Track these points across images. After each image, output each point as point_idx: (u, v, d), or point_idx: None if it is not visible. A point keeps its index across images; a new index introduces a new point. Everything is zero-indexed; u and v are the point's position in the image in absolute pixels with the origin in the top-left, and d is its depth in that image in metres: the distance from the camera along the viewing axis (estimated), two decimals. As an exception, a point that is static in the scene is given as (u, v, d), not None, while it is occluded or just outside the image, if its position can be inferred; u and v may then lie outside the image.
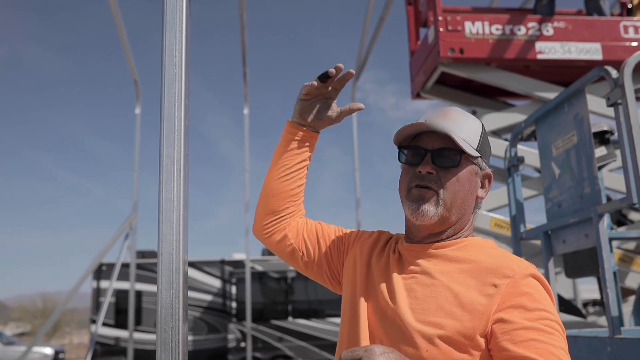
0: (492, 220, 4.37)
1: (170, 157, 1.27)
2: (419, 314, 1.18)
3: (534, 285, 1.17)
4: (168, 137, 1.28)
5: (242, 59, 9.06)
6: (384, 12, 7.55)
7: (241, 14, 7.63)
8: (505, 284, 1.16)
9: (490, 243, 1.32)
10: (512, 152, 3.48)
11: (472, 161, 1.28)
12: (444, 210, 1.25)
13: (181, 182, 1.27)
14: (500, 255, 1.24)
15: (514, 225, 3.44)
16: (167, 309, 1.20)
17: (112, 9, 6.98)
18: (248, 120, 10.03)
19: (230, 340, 13.05)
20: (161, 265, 1.21)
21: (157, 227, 1.24)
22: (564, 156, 3.05)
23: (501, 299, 1.14)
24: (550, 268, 3.11)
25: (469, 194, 1.29)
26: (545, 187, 3.24)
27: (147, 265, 13.16)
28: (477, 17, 4.48)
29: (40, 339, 10.78)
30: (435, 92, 4.99)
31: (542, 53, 4.50)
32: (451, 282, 1.20)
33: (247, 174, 10.00)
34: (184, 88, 1.31)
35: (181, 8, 1.31)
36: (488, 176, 1.34)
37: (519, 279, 1.17)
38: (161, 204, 1.25)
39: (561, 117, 3.06)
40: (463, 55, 4.39)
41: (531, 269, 1.20)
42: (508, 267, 1.19)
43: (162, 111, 1.28)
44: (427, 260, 1.27)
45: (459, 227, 1.30)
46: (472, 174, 1.29)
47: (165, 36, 1.31)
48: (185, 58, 1.32)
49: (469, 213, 1.32)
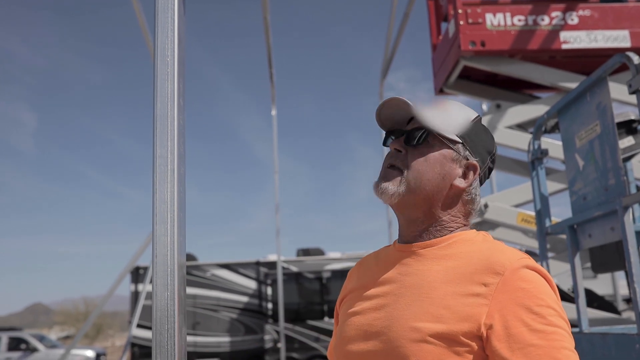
0: (519, 215, 4.26)
1: (163, 157, 1.26)
2: (404, 320, 1.11)
3: (529, 278, 1.07)
4: (161, 138, 1.27)
5: (268, 61, 9.08)
6: (408, 7, 7.48)
7: (265, 16, 7.65)
8: (495, 283, 1.07)
9: (482, 236, 1.23)
10: (535, 145, 3.39)
11: (448, 145, 1.21)
12: (407, 190, 1.20)
13: (175, 183, 1.26)
14: (491, 249, 1.15)
15: (539, 219, 3.35)
16: (162, 312, 1.19)
17: (139, 19, 7.10)
18: (276, 122, 10.07)
19: (267, 341, 13.10)
20: (155, 267, 1.20)
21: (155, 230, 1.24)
22: (587, 147, 2.95)
23: (492, 300, 1.05)
24: (576, 263, 3.01)
25: (439, 178, 1.20)
26: (570, 179, 3.14)
27: (182, 267, 13.28)
28: (499, 9, 4.37)
29: (82, 342, 11.00)
30: (458, 87, 4.90)
31: (567, 43, 4.37)
32: (438, 283, 1.12)
33: (277, 176, 10.04)
34: (177, 87, 1.29)
35: (173, 7, 1.31)
36: (472, 166, 1.23)
37: (510, 274, 1.07)
38: (155, 206, 1.23)
39: (583, 107, 2.97)
40: (485, 48, 4.29)
41: (524, 261, 1.10)
42: (498, 262, 1.09)
43: (155, 111, 1.28)
44: (415, 260, 1.20)
45: (444, 222, 1.23)
46: (447, 158, 1.21)
47: (157, 35, 1.30)
48: (178, 57, 1.31)
49: (450, 204, 1.23)
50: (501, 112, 4.47)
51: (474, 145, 1.25)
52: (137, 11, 7.19)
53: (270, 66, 9.29)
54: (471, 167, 1.24)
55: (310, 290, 13.62)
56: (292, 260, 13.63)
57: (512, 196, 4.44)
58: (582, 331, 2.90)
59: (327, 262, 13.76)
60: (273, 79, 9.63)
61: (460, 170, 1.23)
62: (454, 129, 1.23)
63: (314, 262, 13.55)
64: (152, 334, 1.17)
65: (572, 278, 3.00)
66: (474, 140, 1.25)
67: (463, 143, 1.23)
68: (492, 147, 1.29)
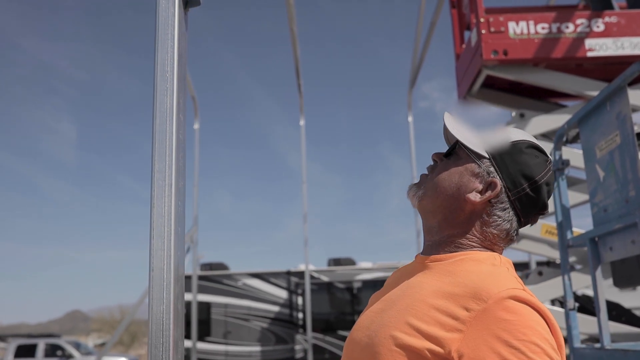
0: (543, 227, 4.19)
1: (161, 172, 1.27)
2: (388, 327, 1.10)
3: (513, 309, 0.99)
4: (159, 153, 1.28)
5: (296, 71, 9.14)
6: (434, 17, 7.46)
7: (291, 27, 7.71)
8: (477, 310, 1.00)
9: (493, 259, 1.17)
10: (556, 156, 3.33)
11: (473, 159, 1.19)
12: (424, 194, 1.22)
13: (172, 197, 1.27)
14: (487, 274, 1.09)
15: (560, 232, 3.28)
16: (157, 325, 1.20)
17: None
18: (304, 132, 10.10)
19: (297, 351, 13.11)
20: (151, 281, 1.22)
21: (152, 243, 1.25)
22: (607, 158, 2.88)
23: (470, 328, 0.99)
24: (597, 277, 2.94)
25: (454, 188, 1.18)
26: (591, 190, 3.08)
27: (214, 277, 13.43)
28: (521, 17, 4.32)
29: (117, 349, 11.16)
30: (481, 96, 4.85)
31: (592, 50, 4.29)
32: (427, 297, 1.10)
33: (305, 186, 10.07)
34: (176, 103, 1.31)
35: (173, 23, 1.32)
36: (492, 184, 1.17)
37: (493, 303, 1.00)
38: (152, 219, 1.25)
39: (603, 117, 2.90)
40: (507, 57, 4.24)
41: (514, 291, 1.02)
42: (485, 288, 1.03)
43: (154, 126, 1.29)
44: (423, 272, 1.19)
45: (456, 237, 1.19)
46: (468, 170, 1.19)
47: (157, 50, 1.31)
48: (177, 73, 1.33)
49: (464, 220, 1.19)
50: (525, 121, 4.40)
51: (504, 164, 1.19)
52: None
53: (298, 76, 9.35)
54: (490, 184, 1.18)
55: (341, 300, 13.59)
56: (323, 270, 13.62)
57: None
58: (604, 347, 2.83)
59: (358, 272, 13.72)
60: (301, 89, 9.69)
61: (480, 185, 1.19)
62: (485, 144, 1.21)
63: (345, 272, 13.52)
64: (147, 348, 1.18)
65: (593, 292, 2.93)
66: (505, 160, 1.19)
67: (490, 159, 1.19)
68: (534, 174, 1.18)
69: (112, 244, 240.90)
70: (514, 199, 1.18)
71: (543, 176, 1.18)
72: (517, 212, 1.19)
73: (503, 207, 1.18)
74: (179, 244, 1.28)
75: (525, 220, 1.21)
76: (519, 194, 1.18)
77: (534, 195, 1.18)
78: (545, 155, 1.22)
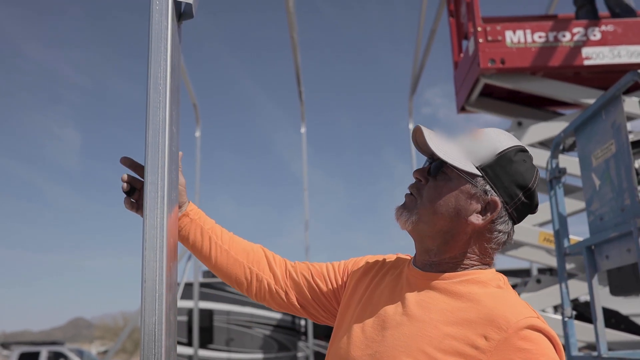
0: (541, 234, 4.19)
1: (154, 184, 1.28)
2: (398, 351, 1.09)
3: (532, 338, 1.02)
4: (152, 165, 1.29)
5: (297, 79, 9.18)
6: (434, 24, 7.49)
7: (292, 35, 7.74)
8: (497, 340, 1.02)
9: (497, 280, 1.16)
10: (552, 164, 3.34)
11: (465, 179, 1.15)
12: (418, 220, 1.17)
13: (164, 209, 1.28)
14: (500, 299, 1.09)
15: (557, 240, 3.29)
16: (149, 336, 1.21)
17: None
18: (306, 139, 10.13)
19: (299, 358, 13.09)
20: (144, 292, 1.23)
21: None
22: (603, 167, 2.90)
23: (490, 357, 1.01)
24: (594, 285, 2.94)
25: (453, 213, 1.14)
26: (587, 199, 3.09)
27: (216, 284, 13.44)
28: (518, 26, 4.35)
29: (120, 357, 11.15)
30: (479, 105, 4.87)
31: (589, 59, 4.31)
32: (440, 322, 1.09)
33: (306, 193, 10.10)
34: (168, 115, 1.31)
35: (166, 36, 1.34)
36: (493, 203, 1.15)
37: (512, 333, 1.02)
38: (145, 231, 1.26)
39: (599, 126, 2.92)
40: (505, 66, 4.26)
41: (530, 320, 1.04)
42: (503, 316, 1.04)
43: (147, 139, 1.29)
44: (424, 289, 1.17)
45: (457, 258, 1.18)
46: (464, 192, 1.15)
47: (150, 63, 1.32)
48: (170, 85, 1.33)
49: (466, 241, 1.17)
50: (523, 129, 4.42)
51: (498, 179, 1.16)
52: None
53: (299, 84, 9.38)
54: (491, 204, 1.16)
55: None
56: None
57: (534, 215, 4.37)
58: (601, 355, 2.83)
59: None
60: (302, 96, 9.72)
61: (479, 205, 1.16)
62: (474, 160, 1.17)
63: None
64: (139, 358, 1.20)
65: (590, 300, 2.94)
66: (498, 174, 1.16)
67: (484, 176, 1.16)
68: (527, 182, 1.17)
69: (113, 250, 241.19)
70: (511, 211, 1.17)
71: (534, 181, 1.18)
72: (513, 220, 1.19)
73: (503, 221, 1.17)
74: (172, 256, 1.30)
75: (518, 223, 1.21)
76: (515, 204, 1.16)
77: (529, 201, 1.18)
78: (528, 152, 1.20)
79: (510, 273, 11.83)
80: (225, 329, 13.15)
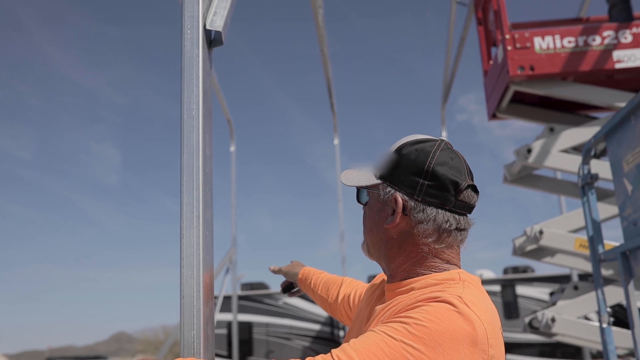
0: (577, 241, 4.15)
1: (189, 205, 1.35)
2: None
3: (431, 308, 1.04)
4: (187, 186, 1.36)
5: (328, 91, 9.25)
6: (463, 32, 7.48)
7: (322, 48, 7.82)
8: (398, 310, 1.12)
9: (448, 282, 1.16)
10: (584, 170, 3.32)
11: (374, 192, 1.26)
12: (367, 245, 1.32)
13: (200, 228, 1.34)
14: (433, 288, 1.15)
15: (592, 246, 3.27)
16: (188, 350, 1.28)
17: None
18: (339, 151, 10.17)
19: (339, 369, 13.07)
20: (182, 308, 1.30)
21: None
22: (635, 172, 2.88)
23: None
24: (630, 291, 2.92)
25: (375, 227, 1.26)
26: (620, 204, 3.06)
27: (255, 296, 13.54)
28: (547, 32, 4.33)
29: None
30: (510, 112, 4.86)
31: (620, 62, 4.26)
32: (371, 321, 1.23)
33: (341, 204, 10.11)
34: (202, 139, 1.39)
35: (197, 64, 1.42)
36: (393, 200, 1.20)
37: (413, 302, 1.09)
38: (182, 249, 1.32)
39: (629, 131, 2.91)
40: (534, 73, 4.25)
41: (442, 294, 1.07)
42: (420, 298, 1.10)
43: (182, 162, 1.37)
44: (390, 301, 1.23)
45: (399, 266, 1.24)
46: (377, 204, 1.25)
47: (183, 90, 1.40)
48: (203, 110, 1.41)
49: (400, 247, 1.22)
50: (555, 135, 4.39)
51: (395, 177, 1.22)
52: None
53: (331, 96, 9.45)
54: (393, 202, 1.21)
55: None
56: (362, 287, 13.57)
57: (569, 221, 4.33)
58: (640, 361, 2.80)
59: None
60: (334, 108, 9.78)
61: (389, 209, 1.22)
62: (376, 172, 1.26)
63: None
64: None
65: (626, 305, 2.91)
66: (393, 173, 1.22)
67: (383, 182, 1.23)
68: (421, 166, 1.18)
69: (153, 263, 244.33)
70: (421, 199, 1.17)
71: (430, 161, 1.17)
72: (434, 205, 1.18)
73: (419, 211, 1.17)
74: (207, 272, 1.36)
75: (453, 206, 1.18)
76: (421, 191, 1.17)
77: (434, 181, 1.17)
78: (428, 141, 1.21)
79: (550, 279, 11.64)
80: (264, 341, 13.22)
